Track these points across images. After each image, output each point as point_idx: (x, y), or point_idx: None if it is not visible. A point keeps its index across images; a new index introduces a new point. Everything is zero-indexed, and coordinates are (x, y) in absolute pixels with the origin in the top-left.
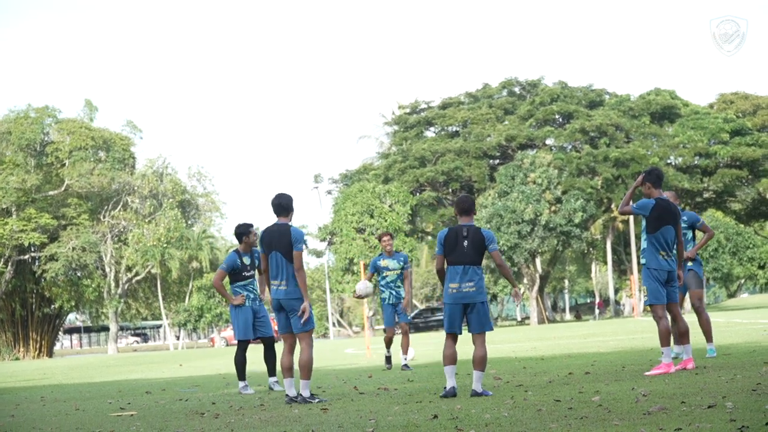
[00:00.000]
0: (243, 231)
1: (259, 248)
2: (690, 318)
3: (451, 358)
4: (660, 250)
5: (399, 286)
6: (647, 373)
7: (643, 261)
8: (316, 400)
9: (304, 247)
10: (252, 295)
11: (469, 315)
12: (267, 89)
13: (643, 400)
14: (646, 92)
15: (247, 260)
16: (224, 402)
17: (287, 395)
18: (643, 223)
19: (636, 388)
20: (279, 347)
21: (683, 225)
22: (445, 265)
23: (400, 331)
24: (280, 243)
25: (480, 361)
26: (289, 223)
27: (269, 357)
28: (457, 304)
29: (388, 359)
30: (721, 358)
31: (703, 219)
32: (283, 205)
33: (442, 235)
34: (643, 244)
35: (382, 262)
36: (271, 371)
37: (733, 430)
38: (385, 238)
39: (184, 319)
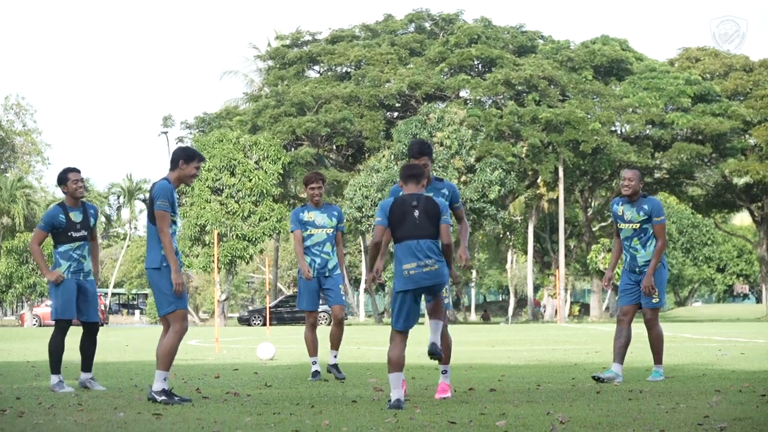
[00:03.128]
0: (61, 177)
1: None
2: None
3: (398, 364)
4: None
5: (327, 253)
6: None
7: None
8: (162, 398)
9: (164, 203)
10: (79, 265)
11: (429, 300)
12: (107, 5)
13: (560, 428)
14: (590, 40)
15: (76, 216)
16: (32, 397)
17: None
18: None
19: (552, 412)
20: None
21: (642, 218)
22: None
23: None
24: (149, 201)
25: (438, 310)
26: (165, 178)
27: (87, 346)
28: (416, 290)
29: (316, 373)
30: (662, 381)
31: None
32: (172, 156)
33: (386, 205)
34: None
35: (307, 215)
36: (86, 365)
37: None
38: (313, 184)
39: None
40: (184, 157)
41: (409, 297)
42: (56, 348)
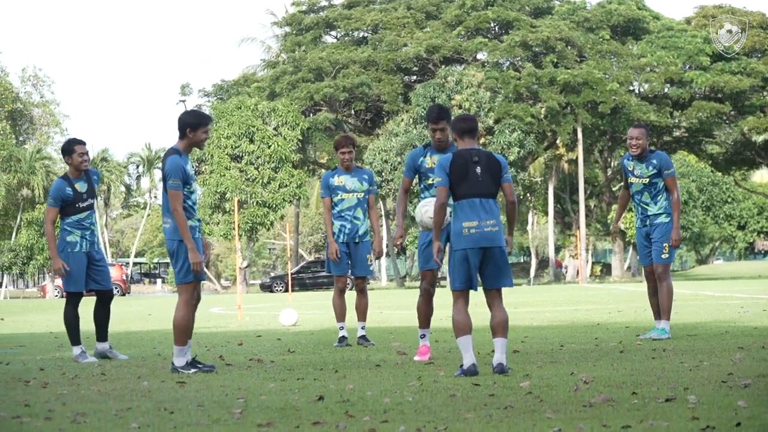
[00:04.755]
0: (66, 148)
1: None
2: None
3: (466, 326)
4: None
5: (357, 218)
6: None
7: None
8: (192, 370)
9: (176, 182)
10: (88, 233)
11: (485, 264)
12: None
13: (584, 388)
14: None
15: (81, 186)
16: (55, 368)
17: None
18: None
19: (576, 372)
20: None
21: (651, 172)
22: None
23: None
24: (162, 171)
25: (504, 326)
26: (176, 148)
27: (101, 316)
28: (476, 249)
29: (342, 339)
30: (685, 339)
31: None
32: (178, 124)
33: (446, 162)
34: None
35: (337, 180)
36: (102, 335)
37: (695, 430)
38: (344, 149)
39: (9, 261)
40: (191, 125)
41: (467, 255)
42: (71, 320)
